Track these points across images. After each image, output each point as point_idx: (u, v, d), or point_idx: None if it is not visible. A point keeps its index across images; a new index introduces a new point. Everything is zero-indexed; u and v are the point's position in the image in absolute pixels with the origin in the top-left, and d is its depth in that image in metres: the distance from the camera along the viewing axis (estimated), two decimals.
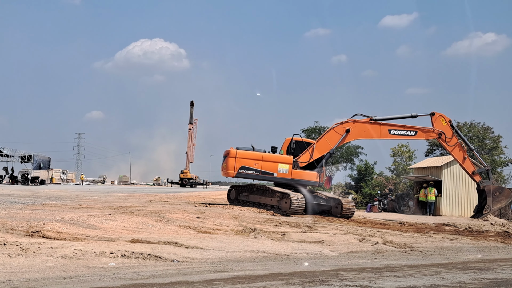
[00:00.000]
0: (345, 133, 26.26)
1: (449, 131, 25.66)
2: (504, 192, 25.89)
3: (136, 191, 47.14)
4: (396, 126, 26.04)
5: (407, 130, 25.96)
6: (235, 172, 25.92)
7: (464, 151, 25.89)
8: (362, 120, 26.47)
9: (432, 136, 26.27)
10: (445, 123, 25.75)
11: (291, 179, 25.85)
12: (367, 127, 26.34)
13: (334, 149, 26.77)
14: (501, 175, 48.14)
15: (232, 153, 26.10)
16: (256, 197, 26.36)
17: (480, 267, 11.53)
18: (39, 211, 17.80)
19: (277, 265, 10.99)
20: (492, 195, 25.34)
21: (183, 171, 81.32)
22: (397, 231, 20.18)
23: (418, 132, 25.91)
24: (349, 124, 26.42)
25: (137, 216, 17.25)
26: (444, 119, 25.75)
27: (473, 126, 50.92)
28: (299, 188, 25.72)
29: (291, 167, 25.82)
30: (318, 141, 26.92)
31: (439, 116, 25.82)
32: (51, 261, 9.83)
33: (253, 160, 25.94)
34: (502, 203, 25.95)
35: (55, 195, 33.27)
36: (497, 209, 26.61)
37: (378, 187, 48.05)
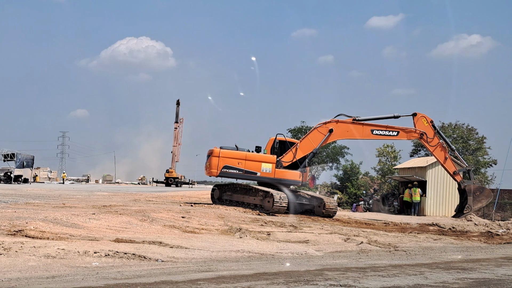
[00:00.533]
0: (328, 133, 26.44)
1: (430, 132, 25.82)
2: (484, 192, 26.05)
3: (121, 190, 46.96)
4: (378, 127, 26.21)
5: (390, 130, 26.11)
6: (218, 171, 26.06)
7: (446, 151, 26.05)
8: (345, 120, 26.66)
9: (414, 136, 26.43)
10: (427, 124, 25.91)
11: (274, 178, 25.97)
12: (350, 127, 26.55)
13: (318, 149, 26.82)
14: (485, 175, 48.47)
15: (215, 153, 26.23)
16: (240, 196, 26.48)
17: (464, 267, 11.58)
18: (22, 210, 17.67)
19: (262, 264, 10.97)
20: (473, 194, 25.53)
21: (168, 170, 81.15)
22: (381, 231, 20.25)
23: (400, 132, 26.08)
24: (332, 124, 26.60)
25: (121, 216, 17.16)
26: (426, 119, 25.92)
27: (458, 127, 51.23)
28: (282, 188, 25.88)
29: (274, 167, 25.96)
30: (302, 141, 27.09)
31: (421, 117, 25.98)
32: (33, 261, 9.75)
33: (236, 159, 26.06)
34: (483, 202, 26.12)
35: (38, 194, 33.06)
36: (477, 208, 26.71)
37: (363, 187, 48.28)
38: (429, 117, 26.01)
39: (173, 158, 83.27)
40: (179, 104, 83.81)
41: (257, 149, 26.99)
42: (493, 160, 49.25)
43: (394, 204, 35.28)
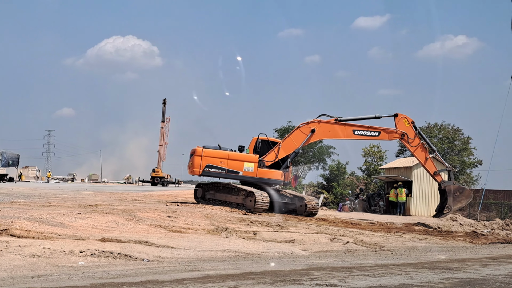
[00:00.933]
0: (310, 133, 26.61)
1: (411, 132, 25.91)
2: (464, 192, 25.99)
3: (107, 190, 46.79)
4: (360, 127, 26.37)
5: (371, 130, 26.28)
6: (201, 170, 26.31)
7: (426, 152, 26.15)
8: (327, 120, 26.83)
9: (395, 137, 26.54)
10: (408, 124, 25.99)
11: (256, 177, 26.26)
12: (332, 127, 26.73)
13: (300, 148, 27.04)
14: (470, 176, 48.72)
15: (198, 152, 26.48)
16: (222, 195, 26.70)
17: (449, 267, 11.65)
18: (7, 209, 17.56)
19: (248, 264, 10.98)
20: (453, 195, 25.46)
21: (154, 170, 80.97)
22: (367, 231, 20.32)
23: (381, 132, 26.21)
24: (315, 124, 26.77)
25: (107, 215, 17.11)
26: (407, 120, 26.02)
27: (443, 128, 51.46)
28: (265, 187, 26.16)
29: (256, 166, 26.24)
30: (284, 140, 27.39)
31: (402, 118, 26.10)
32: (19, 260, 9.70)
33: (219, 158, 26.35)
34: (463, 203, 26.07)
35: (24, 193, 32.87)
36: (457, 208, 26.58)
37: (349, 187, 48.37)
38: (410, 118, 26.12)
39: (159, 158, 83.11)
40: (165, 104, 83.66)
41: (240, 149, 27.29)
42: (479, 160, 49.50)
43: (380, 204, 35.41)
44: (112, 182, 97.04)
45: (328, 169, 56.34)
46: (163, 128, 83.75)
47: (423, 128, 51.75)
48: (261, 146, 26.81)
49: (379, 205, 35.32)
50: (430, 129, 51.50)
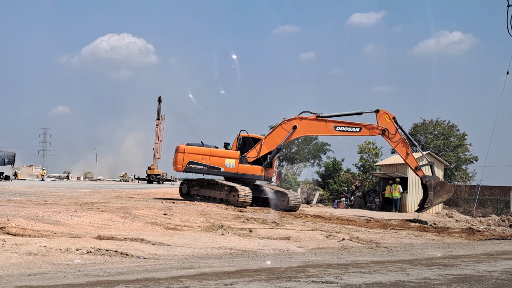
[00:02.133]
0: (292, 130, 27.12)
1: (392, 128, 26.00)
2: (445, 187, 26.06)
3: (103, 187, 46.73)
4: (341, 123, 26.63)
5: (352, 126, 26.52)
6: (184, 166, 27.12)
7: (407, 147, 26.23)
8: (308, 117, 27.20)
9: (376, 133, 26.62)
10: (389, 120, 26.08)
11: (237, 173, 27.05)
12: (314, 123, 27.14)
13: (282, 145, 27.56)
14: (466, 172, 48.79)
15: (180, 149, 27.36)
16: (206, 191, 27.38)
17: (445, 263, 11.69)
18: (4, 207, 17.54)
19: (244, 261, 11.00)
20: (434, 189, 25.52)
21: (150, 167, 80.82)
22: (363, 228, 20.35)
23: (362, 128, 26.41)
24: (296, 121, 27.20)
25: (103, 213, 17.11)
26: (388, 116, 26.12)
27: (439, 124, 51.51)
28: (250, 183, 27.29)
29: (237, 162, 26.97)
30: (266, 137, 27.97)
31: (383, 113, 26.24)
32: (15, 258, 9.70)
33: (201, 155, 27.10)
34: (443, 197, 26.11)
35: (19, 191, 32.82)
36: (438, 203, 26.73)
37: (345, 184, 48.38)
38: (391, 114, 26.22)
39: (154, 155, 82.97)
40: (160, 101, 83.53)
41: (225, 146, 28.06)
42: (474, 156, 49.54)
43: (375, 200, 35.44)
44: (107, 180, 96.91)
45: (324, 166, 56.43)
46: (159, 126, 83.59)
47: (418, 124, 51.84)
48: (246, 143, 27.54)
49: (374, 201, 35.35)
50: (425, 125, 51.56)
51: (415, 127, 51.89)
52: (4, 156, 62.25)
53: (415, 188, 33.21)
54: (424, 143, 50.46)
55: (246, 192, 25.44)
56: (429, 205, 25.78)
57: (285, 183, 51.18)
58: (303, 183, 55.49)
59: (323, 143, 62.19)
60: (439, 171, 34.30)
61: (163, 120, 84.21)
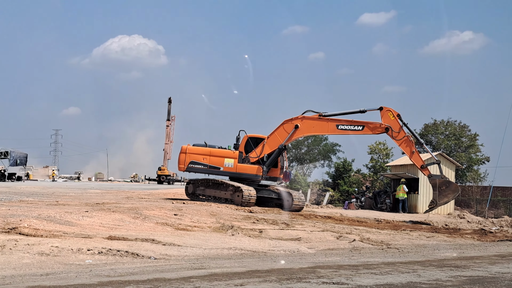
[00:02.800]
0: (293, 129, 27.31)
1: (396, 125, 25.49)
2: (451, 186, 25.32)
3: (113, 188, 46.88)
4: (343, 121, 26.48)
5: (354, 125, 26.25)
6: (185, 166, 28.36)
7: (412, 145, 25.49)
8: (311, 116, 27.23)
9: (379, 131, 26.11)
10: (393, 117, 25.47)
11: (235, 172, 27.80)
12: (315, 123, 27.15)
13: (283, 144, 27.63)
14: (477, 173, 48.53)
15: (183, 149, 28.68)
16: (212, 191, 27.90)
17: (457, 265, 11.63)
18: (16, 208, 17.64)
19: (254, 262, 11.00)
20: (439, 189, 24.92)
21: (160, 168, 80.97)
22: (374, 229, 20.30)
23: (365, 126, 26.05)
24: (298, 120, 27.35)
25: (114, 213, 17.17)
26: (392, 113, 25.60)
27: (450, 124, 51.28)
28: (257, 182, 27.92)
29: (236, 162, 27.69)
30: (269, 137, 28.07)
31: (387, 111, 25.77)
32: (27, 258, 9.75)
33: (201, 155, 28.16)
34: (449, 197, 25.40)
35: (31, 191, 32.98)
36: (443, 203, 25.85)
37: (355, 185, 48.25)
38: (395, 111, 25.63)
39: (165, 156, 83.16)
40: (170, 102, 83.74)
41: (235, 146, 28.50)
42: (486, 157, 49.24)
43: (386, 201, 35.34)
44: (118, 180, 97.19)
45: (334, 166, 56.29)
46: (169, 127, 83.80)
47: (429, 124, 51.62)
48: (252, 142, 28.02)
49: (385, 202, 35.25)
50: (436, 125, 51.34)
51: (426, 127, 51.67)
52: (16, 157, 62.58)
53: (426, 188, 33.06)
54: (435, 144, 50.27)
55: (251, 192, 25.96)
56: (433, 205, 25.38)
57: (295, 183, 51.14)
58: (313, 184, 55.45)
59: (333, 144, 62.16)
60: (451, 172, 34.16)
61: (173, 121, 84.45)
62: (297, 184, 51.51)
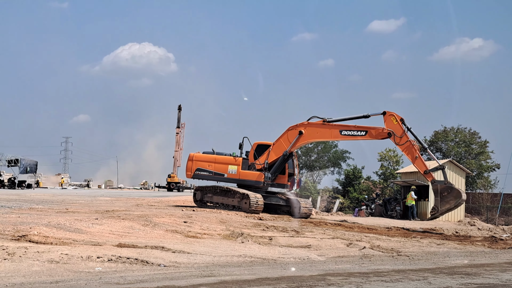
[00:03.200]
0: (298, 135, 27.22)
1: (399, 130, 24.97)
2: (453, 192, 24.21)
3: (123, 195, 46.98)
4: (347, 127, 26.23)
5: (358, 130, 25.92)
6: (192, 173, 28.95)
7: (415, 151, 25.01)
8: (315, 122, 27.10)
9: (382, 136, 25.58)
10: (396, 122, 24.91)
11: (238, 179, 28.11)
12: (319, 129, 27.01)
13: (288, 151, 27.56)
14: (487, 180, 48.30)
15: (190, 156, 29.35)
16: (219, 198, 28.11)
17: (467, 272, 11.56)
18: (26, 215, 17.71)
19: (264, 269, 10.97)
20: (440, 195, 24.21)
21: (170, 175, 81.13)
22: (384, 236, 20.22)
23: (368, 131, 25.66)
24: (302, 126, 27.28)
25: (124, 221, 17.19)
26: (395, 117, 25.12)
27: (460, 131, 51.11)
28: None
29: (239, 168, 28.01)
30: (275, 143, 28.12)
31: (390, 115, 25.29)
32: (37, 266, 9.77)
33: (207, 162, 28.65)
34: (451, 203, 24.25)
35: (41, 199, 33.10)
36: (445, 210, 24.64)
37: (365, 192, 48.13)
38: (399, 116, 25.19)
39: (174, 163, 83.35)
40: (180, 109, 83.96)
41: (246, 153, 28.77)
42: (496, 164, 49.03)
43: (396, 208, 35.19)
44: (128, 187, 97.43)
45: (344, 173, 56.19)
46: (179, 134, 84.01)
47: (439, 131, 51.46)
48: (261, 149, 28.24)
49: (395, 210, 35.11)
50: (446, 132, 51.19)
51: (436, 134, 51.52)
52: (26, 164, 62.88)
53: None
54: (446, 151, 50.12)
55: (258, 199, 26.06)
56: (435, 212, 24.72)
57: (304, 191, 51.08)
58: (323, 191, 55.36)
59: (343, 151, 62.05)
60: (461, 179, 34.02)
61: (183, 128, 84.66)
62: (307, 191, 51.44)
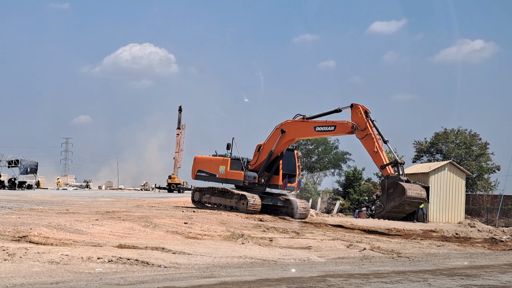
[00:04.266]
0: (280, 134, 27.12)
1: (362, 123, 23.90)
2: (398, 189, 22.07)
3: (124, 196, 46.97)
4: (320, 123, 25.83)
5: (328, 125, 25.46)
6: (194, 174, 29.64)
7: (376, 144, 23.61)
8: (296, 120, 26.84)
9: (347, 130, 24.68)
10: (360, 115, 24.00)
11: (226, 178, 28.57)
12: (299, 126, 26.66)
13: (273, 150, 27.42)
14: (488, 181, 48.28)
15: (194, 159, 30.05)
16: (217, 199, 28.28)
17: (467, 274, 11.57)
18: (26, 216, 17.71)
19: (264, 271, 10.98)
20: (387, 192, 22.43)
21: (170, 177, 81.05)
22: (384, 237, 20.23)
23: (337, 126, 25.04)
24: (284, 124, 27.08)
25: (124, 221, 17.20)
26: (360, 110, 24.07)
27: (460, 133, 51.08)
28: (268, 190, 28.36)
29: (227, 168, 28.38)
30: (265, 143, 28.09)
31: (356, 107, 24.25)
32: (37, 266, 9.77)
33: (205, 164, 29.34)
34: (396, 200, 22.08)
35: (42, 200, 33.09)
36: (390, 207, 22.40)
37: (366, 193, 48.09)
38: (364, 107, 24.07)
39: (175, 164, 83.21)
40: (181, 111, 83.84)
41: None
42: (497, 165, 48.99)
43: None
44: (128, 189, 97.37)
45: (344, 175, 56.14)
46: (179, 135, 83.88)
47: (440, 133, 51.42)
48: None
49: None
50: (447, 134, 51.15)
51: (437, 136, 51.48)
52: (26, 165, 62.87)
53: (436, 197, 32.97)
54: (446, 152, 50.08)
55: (255, 200, 26.12)
56: (380, 210, 23.02)
57: (305, 192, 51.04)
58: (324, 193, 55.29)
59: (344, 152, 61.97)
60: (461, 181, 34.02)
61: (183, 130, 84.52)
62: (307, 192, 51.40)
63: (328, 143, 60.11)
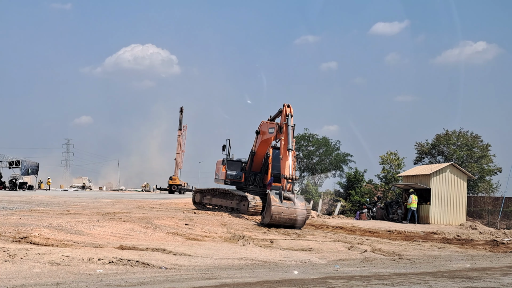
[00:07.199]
0: (256, 135, 27.43)
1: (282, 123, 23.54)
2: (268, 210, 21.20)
3: (125, 197, 46.98)
4: (271, 124, 25.50)
5: (272, 127, 25.15)
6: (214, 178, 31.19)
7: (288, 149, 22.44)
8: (267, 121, 26.49)
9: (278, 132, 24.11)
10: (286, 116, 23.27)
11: (219, 179, 29.97)
12: (267, 128, 26.04)
13: (253, 150, 27.91)
14: (489, 183, 48.21)
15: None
16: (218, 200, 28.82)
17: (469, 276, 11.55)
18: (27, 217, 17.71)
19: (265, 272, 10.96)
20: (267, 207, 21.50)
21: (172, 178, 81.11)
22: (386, 239, 20.20)
23: (274, 128, 24.66)
24: (260, 126, 27.20)
25: (125, 223, 17.19)
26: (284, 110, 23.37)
27: (462, 135, 51.00)
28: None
29: (224, 169, 29.37)
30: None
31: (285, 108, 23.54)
32: (38, 267, 9.76)
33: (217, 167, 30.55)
34: (267, 219, 21.31)
35: (43, 200, 33.10)
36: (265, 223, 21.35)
37: (367, 195, 48.05)
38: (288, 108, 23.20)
39: (176, 165, 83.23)
40: (182, 112, 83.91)
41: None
42: (498, 167, 48.88)
43: (398, 212, 35.15)
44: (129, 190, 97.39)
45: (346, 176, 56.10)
46: (180, 136, 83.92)
47: (441, 135, 51.35)
48: None
49: (397, 213, 35.06)
50: (448, 136, 51.09)
51: (438, 137, 51.41)
52: (27, 166, 62.93)
53: (438, 199, 32.91)
54: (447, 154, 50.02)
55: (256, 201, 26.11)
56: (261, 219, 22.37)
57: (306, 193, 51.03)
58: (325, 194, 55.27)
59: (345, 154, 61.95)
60: (463, 183, 33.93)
61: (185, 131, 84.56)
62: (308, 194, 51.39)
63: (329, 144, 60.06)
